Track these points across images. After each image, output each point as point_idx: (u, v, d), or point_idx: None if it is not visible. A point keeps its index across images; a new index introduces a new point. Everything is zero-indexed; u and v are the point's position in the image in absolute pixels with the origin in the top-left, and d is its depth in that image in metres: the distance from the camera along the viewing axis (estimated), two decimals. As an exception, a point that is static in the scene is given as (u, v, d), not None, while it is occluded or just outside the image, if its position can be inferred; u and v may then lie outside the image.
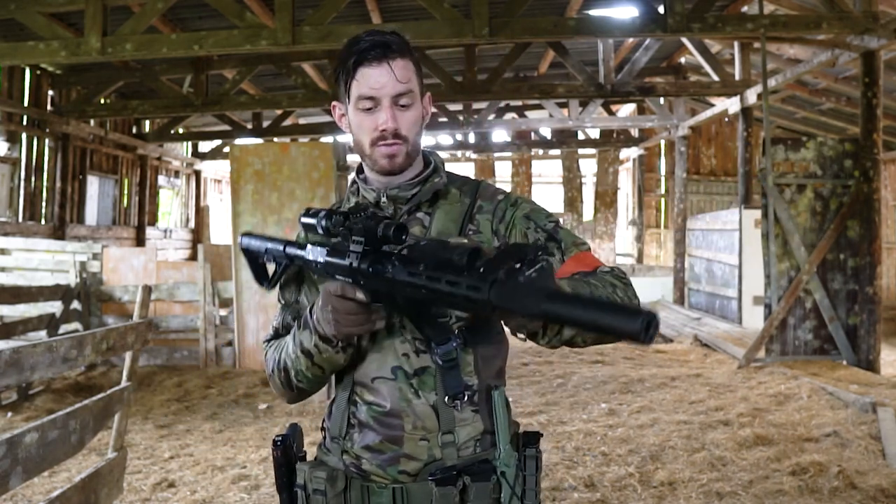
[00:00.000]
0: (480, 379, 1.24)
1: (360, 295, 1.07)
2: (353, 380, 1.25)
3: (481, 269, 0.91)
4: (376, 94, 1.19)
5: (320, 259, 1.15)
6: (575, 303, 0.82)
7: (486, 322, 1.24)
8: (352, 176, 1.36)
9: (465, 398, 1.19)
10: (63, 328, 6.60)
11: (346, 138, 13.62)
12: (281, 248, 1.26)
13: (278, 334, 1.36)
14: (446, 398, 1.18)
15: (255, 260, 1.34)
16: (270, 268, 1.35)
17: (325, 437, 1.33)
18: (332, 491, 1.21)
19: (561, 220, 1.28)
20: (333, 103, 1.30)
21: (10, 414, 5.23)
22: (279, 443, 1.27)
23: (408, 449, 1.20)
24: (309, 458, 1.32)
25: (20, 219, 10.11)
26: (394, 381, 1.20)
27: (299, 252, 1.21)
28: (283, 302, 1.37)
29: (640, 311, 0.77)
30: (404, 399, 1.20)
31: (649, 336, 0.77)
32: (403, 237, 1.04)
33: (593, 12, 8.85)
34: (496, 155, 16.80)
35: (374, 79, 1.19)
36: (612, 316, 0.79)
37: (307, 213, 1.17)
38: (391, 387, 1.21)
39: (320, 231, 1.14)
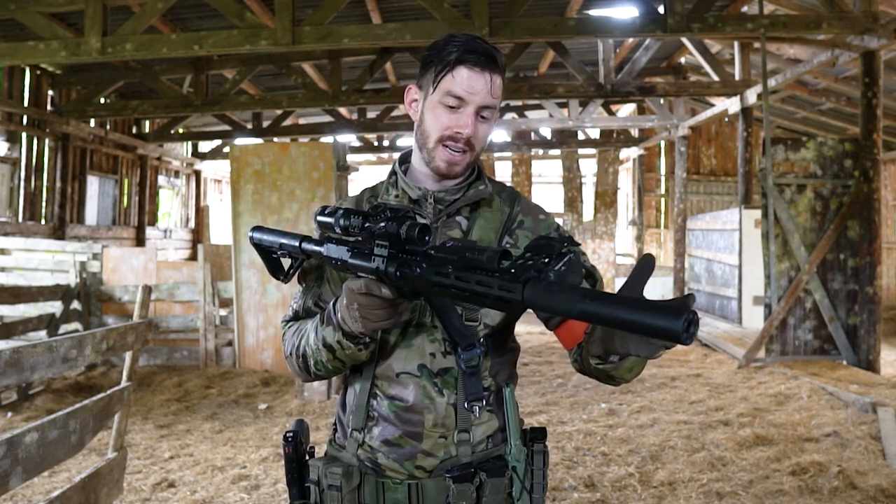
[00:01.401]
0: (495, 382, 1.28)
1: (385, 291, 1.07)
2: (375, 373, 1.26)
3: (512, 270, 0.90)
4: (468, 97, 1.20)
5: (343, 258, 1.14)
6: (612, 302, 0.80)
7: (504, 330, 1.28)
8: (393, 165, 1.36)
9: (483, 403, 1.23)
10: (63, 328, 6.61)
11: (346, 138, 13.61)
12: (297, 244, 1.26)
13: (298, 317, 1.36)
14: (465, 403, 1.22)
15: (268, 254, 1.34)
16: (285, 262, 1.35)
17: (335, 432, 1.34)
18: (347, 487, 1.22)
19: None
20: (410, 86, 1.30)
21: (10, 414, 5.23)
22: (290, 439, 1.29)
23: (426, 445, 1.22)
24: (316, 454, 1.33)
25: (20, 219, 10.11)
26: (419, 377, 1.23)
27: (317, 248, 1.21)
28: (304, 285, 1.37)
29: (682, 308, 0.74)
30: (427, 396, 1.22)
31: (690, 335, 0.74)
32: (427, 238, 1.03)
33: (593, 12, 8.85)
34: (496, 155, 16.78)
35: (471, 83, 1.20)
36: (651, 315, 0.76)
37: (323, 212, 1.16)
38: (416, 383, 1.23)
39: (338, 230, 1.13)
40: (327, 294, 1.33)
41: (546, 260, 0.90)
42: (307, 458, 1.30)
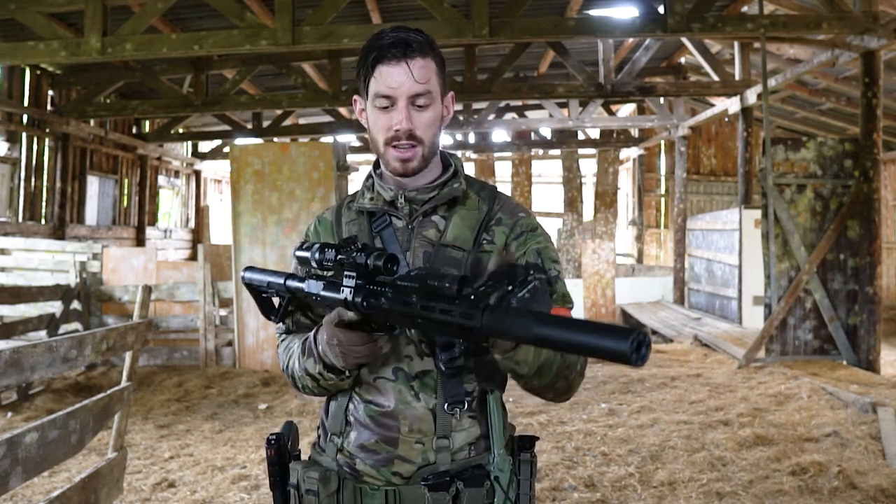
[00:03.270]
0: (479, 386, 1.24)
1: (350, 314, 1.07)
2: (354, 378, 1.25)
3: (472, 297, 0.90)
4: (393, 93, 1.17)
5: (318, 292, 1.15)
6: (564, 326, 0.80)
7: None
8: (368, 169, 1.34)
9: (465, 406, 1.19)
10: (63, 328, 6.60)
11: (346, 138, 13.61)
12: (282, 281, 1.26)
13: (290, 331, 1.36)
14: (445, 405, 1.18)
15: (259, 293, 1.33)
16: (276, 299, 1.35)
17: (319, 436, 1.32)
18: (324, 491, 1.20)
19: (561, 270, 1.29)
20: (354, 97, 1.29)
21: (10, 414, 5.23)
22: (273, 441, 1.27)
23: (402, 451, 1.20)
24: (304, 457, 1.32)
25: (20, 219, 10.10)
26: (394, 381, 1.20)
27: (299, 285, 1.20)
28: None
29: (631, 330, 0.75)
30: (403, 401, 1.20)
31: (641, 357, 0.75)
32: (394, 268, 1.03)
33: (593, 12, 8.85)
34: (496, 155, 16.79)
35: (392, 77, 1.17)
36: (600, 337, 0.77)
37: (301, 247, 1.16)
38: (391, 387, 1.21)
39: (314, 265, 1.13)
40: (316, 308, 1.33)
41: (509, 287, 0.90)
42: (291, 461, 1.28)
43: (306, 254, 1.14)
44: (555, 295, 1.23)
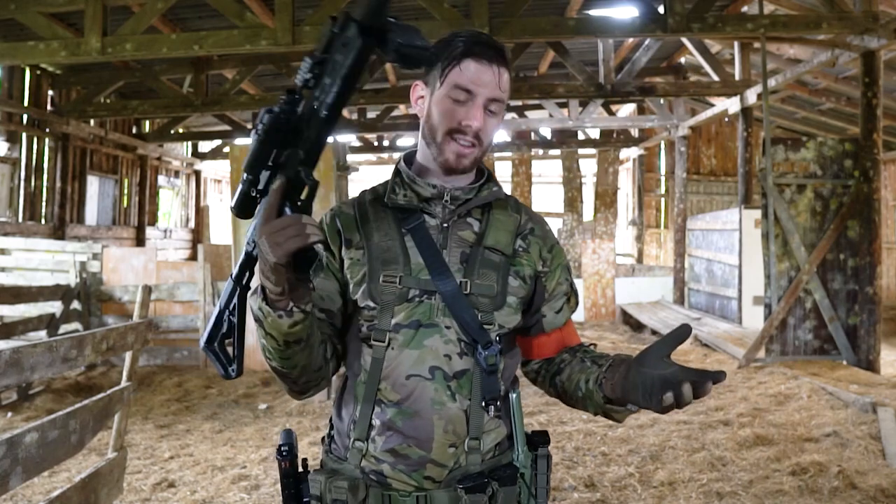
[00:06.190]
0: (504, 386, 1.24)
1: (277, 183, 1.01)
2: (379, 377, 1.18)
3: None
4: (475, 89, 1.18)
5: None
6: None
7: (513, 332, 1.26)
8: (398, 165, 1.30)
9: (498, 403, 1.20)
10: (63, 328, 6.60)
11: (346, 138, 13.60)
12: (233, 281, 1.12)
13: None
14: (483, 402, 1.18)
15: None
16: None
17: (332, 441, 1.26)
18: (353, 500, 1.15)
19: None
20: (416, 83, 1.27)
21: (10, 414, 5.23)
22: (286, 453, 1.22)
23: (436, 454, 1.15)
24: (306, 460, 1.27)
25: (20, 219, 10.10)
26: (430, 380, 1.15)
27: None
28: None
29: None
30: (438, 402, 1.15)
31: None
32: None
33: (593, 12, 8.85)
34: (496, 155, 16.75)
35: (479, 75, 1.18)
36: None
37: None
38: (426, 387, 1.15)
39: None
40: (324, 283, 1.24)
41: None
42: (301, 470, 1.23)
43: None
44: (572, 304, 1.33)
